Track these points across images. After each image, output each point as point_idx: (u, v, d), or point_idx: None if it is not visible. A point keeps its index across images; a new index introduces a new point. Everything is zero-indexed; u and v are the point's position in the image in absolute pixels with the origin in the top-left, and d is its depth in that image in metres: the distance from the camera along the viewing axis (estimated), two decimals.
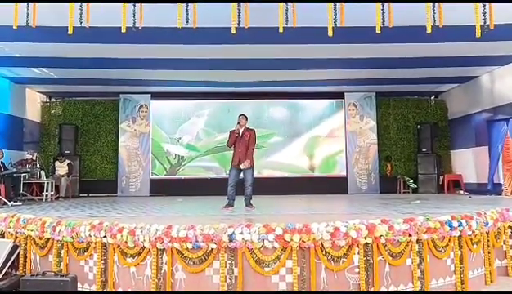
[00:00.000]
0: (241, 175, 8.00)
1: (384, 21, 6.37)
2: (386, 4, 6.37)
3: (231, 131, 8.13)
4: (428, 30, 6.31)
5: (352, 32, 7.86)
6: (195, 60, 10.42)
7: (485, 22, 6.27)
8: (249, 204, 7.89)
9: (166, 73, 11.75)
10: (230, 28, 6.34)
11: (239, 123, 7.97)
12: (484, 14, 6.23)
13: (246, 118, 8.07)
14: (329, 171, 14.20)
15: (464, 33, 7.67)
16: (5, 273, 5.24)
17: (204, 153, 14.06)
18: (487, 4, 6.24)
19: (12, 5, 6.30)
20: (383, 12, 6.35)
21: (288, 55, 10.09)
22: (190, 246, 4.50)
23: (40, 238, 5.36)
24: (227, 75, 11.93)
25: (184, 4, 6.27)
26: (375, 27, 6.37)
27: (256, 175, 13.32)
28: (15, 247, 5.52)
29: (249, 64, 10.80)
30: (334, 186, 13.65)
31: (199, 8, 6.36)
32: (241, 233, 4.47)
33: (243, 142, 7.90)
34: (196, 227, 4.57)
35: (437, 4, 6.37)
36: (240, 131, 7.92)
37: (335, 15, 6.33)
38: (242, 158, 7.87)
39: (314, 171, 14.20)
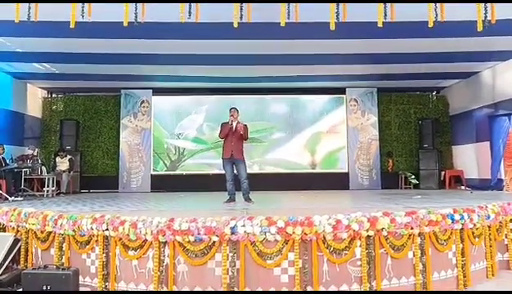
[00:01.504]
0: (235, 170, 7.95)
1: (385, 15, 6.36)
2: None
3: (223, 123, 8.07)
4: (430, 24, 6.29)
5: (354, 27, 7.88)
6: (197, 56, 10.42)
7: (486, 17, 6.26)
8: (247, 199, 7.82)
9: (168, 68, 11.76)
10: (232, 23, 6.34)
11: (232, 116, 7.90)
12: (486, 9, 6.22)
13: (238, 112, 8.01)
14: (330, 167, 14.19)
15: (465, 28, 7.67)
16: (6, 267, 5.25)
17: (212, 145, 13.92)
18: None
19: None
20: (385, 7, 6.34)
21: (290, 50, 10.09)
22: (192, 238, 4.50)
23: (42, 232, 5.36)
24: (229, 70, 11.92)
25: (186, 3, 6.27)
26: (376, 22, 6.36)
27: (258, 171, 13.59)
28: (16, 241, 5.52)
29: (251, 60, 10.79)
30: (335, 182, 13.65)
31: (201, 4, 6.35)
32: (243, 225, 4.47)
33: (236, 135, 7.83)
34: (198, 220, 4.57)
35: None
36: (234, 124, 7.85)
37: (337, 9, 6.32)
38: (234, 151, 7.81)
39: (316, 167, 14.19)
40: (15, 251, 5.47)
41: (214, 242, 4.50)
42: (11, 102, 12.28)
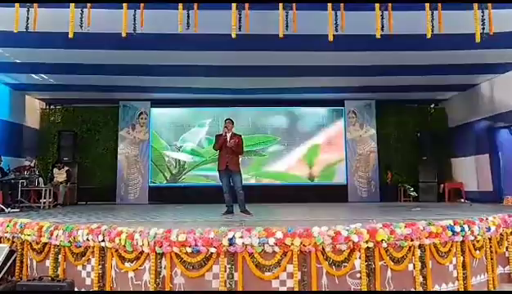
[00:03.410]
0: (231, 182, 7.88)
1: (383, 27, 6.36)
2: (386, 11, 6.36)
3: (217, 135, 8.04)
4: (428, 36, 6.30)
5: (353, 39, 7.89)
6: (196, 67, 10.43)
7: (484, 30, 6.27)
8: (244, 211, 7.65)
9: (166, 79, 11.74)
10: (230, 34, 6.31)
11: (226, 127, 7.86)
12: (483, 21, 6.24)
13: (233, 123, 7.97)
14: (329, 180, 14.14)
15: (463, 41, 7.70)
16: (1, 279, 5.17)
17: (208, 159, 13.80)
18: (486, 11, 6.25)
19: (13, 9, 6.27)
20: (382, 18, 6.35)
21: (288, 62, 10.09)
22: (189, 250, 4.44)
23: (37, 243, 5.29)
24: (227, 82, 11.91)
25: (185, 10, 6.26)
26: (375, 34, 6.36)
27: (255, 183, 13.53)
28: (11, 252, 5.45)
29: (250, 71, 10.80)
30: (334, 194, 13.57)
31: (200, 14, 6.34)
32: (241, 237, 4.41)
33: (230, 147, 7.76)
34: (196, 231, 4.51)
35: (436, 11, 6.34)
36: (228, 136, 7.80)
37: (336, 20, 6.33)
38: (230, 163, 7.73)
39: (314, 180, 14.13)
40: (10, 262, 5.40)
41: (212, 253, 4.43)
42: (9, 113, 12.24)
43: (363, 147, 14.04)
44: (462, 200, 12.54)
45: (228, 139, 7.78)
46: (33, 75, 11.16)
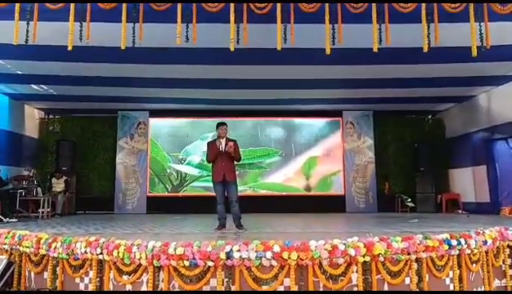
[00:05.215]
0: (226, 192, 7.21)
1: (380, 41, 6.41)
2: (383, 24, 6.41)
3: (209, 143, 7.31)
4: (425, 49, 6.34)
5: (350, 53, 7.95)
6: (194, 80, 10.48)
7: (482, 43, 6.33)
8: (239, 225, 7.04)
9: (164, 91, 11.79)
10: (228, 48, 6.35)
11: (219, 135, 7.15)
12: (481, 35, 6.30)
13: (227, 126, 7.28)
14: (326, 190, 14.14)
15: (460, 53, 7.73)
16: None
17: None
18: (483, 24, 6.31)
19: (13, 22, 6.30)
20: (380, 32, 6.40)
21: (287, 75, 10.16)
22: (187, 263, 4.45)
23: (35, 255, 5.29)
24: (226, 94, 11.95)
25: (184, 24, 6.30)
26: (371, 48, 6.40)
27: (252, 193, 13.53)
28: (9, 264, 5.45)
29: (248, 84, 10.85)
30: (331, 205, 13.58)
31: (198, 28, 6.39)
32: (239, 250, 4.42)
33: (227, 155, 7.03)
34: (194, 244, 4.53)
35: (432, 24, 6.39)
36: (222, 143, 7.08)
37: (333, 33, 6.38)
38: (226, 172, 7.01)
39: (312, 190, 14.13)
40: (8, 274, 5.40)
41: (209, 267, 4.44)
42: (8, 122, 12.26)
43: (361, 157, 14.08)
44: (459, 211, 12.56)
45: (223, 145, 7.06)
46: (34, 86, 11.20)
